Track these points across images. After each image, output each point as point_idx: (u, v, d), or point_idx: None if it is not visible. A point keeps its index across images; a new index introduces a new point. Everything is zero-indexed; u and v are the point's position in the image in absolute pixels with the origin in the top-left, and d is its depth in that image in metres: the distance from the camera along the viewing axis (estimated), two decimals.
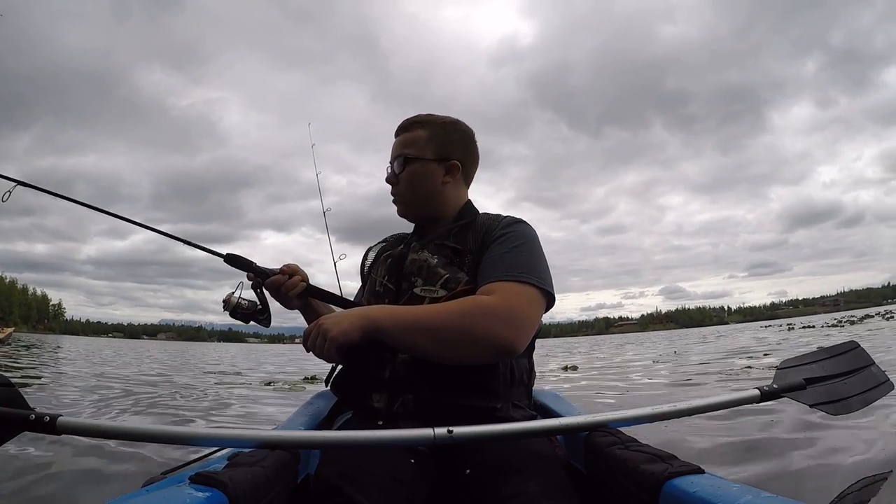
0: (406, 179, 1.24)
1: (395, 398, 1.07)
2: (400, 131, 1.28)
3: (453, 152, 1.26)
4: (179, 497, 0.62)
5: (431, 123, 1.26)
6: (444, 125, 1.27)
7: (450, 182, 1.26)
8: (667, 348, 13.39)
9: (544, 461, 0.90)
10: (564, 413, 1.25)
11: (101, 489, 1.76)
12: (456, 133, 1.28)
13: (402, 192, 1.26)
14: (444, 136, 1.26)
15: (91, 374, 7.22)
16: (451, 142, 1.26)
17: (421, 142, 1.24)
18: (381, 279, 1.23)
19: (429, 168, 1.23)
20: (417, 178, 1.24)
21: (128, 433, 0.77)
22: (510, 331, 0.99)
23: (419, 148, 1.24)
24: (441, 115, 1.29)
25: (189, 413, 3.62)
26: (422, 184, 1.24)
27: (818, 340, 10.34)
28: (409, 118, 1.28)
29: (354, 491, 0.76)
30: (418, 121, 1.27)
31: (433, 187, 1.24)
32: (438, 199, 1.26)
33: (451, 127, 1.28)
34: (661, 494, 0.68)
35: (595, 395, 4.34)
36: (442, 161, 1.25)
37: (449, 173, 1.25)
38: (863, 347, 1.11)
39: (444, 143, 1.25)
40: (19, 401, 0.78)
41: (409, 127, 1.27)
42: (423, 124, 1.26)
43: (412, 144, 1.24)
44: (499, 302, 1.01)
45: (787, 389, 0.97)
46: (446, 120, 1.29)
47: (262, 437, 0.79)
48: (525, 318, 1.03)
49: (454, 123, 1.29)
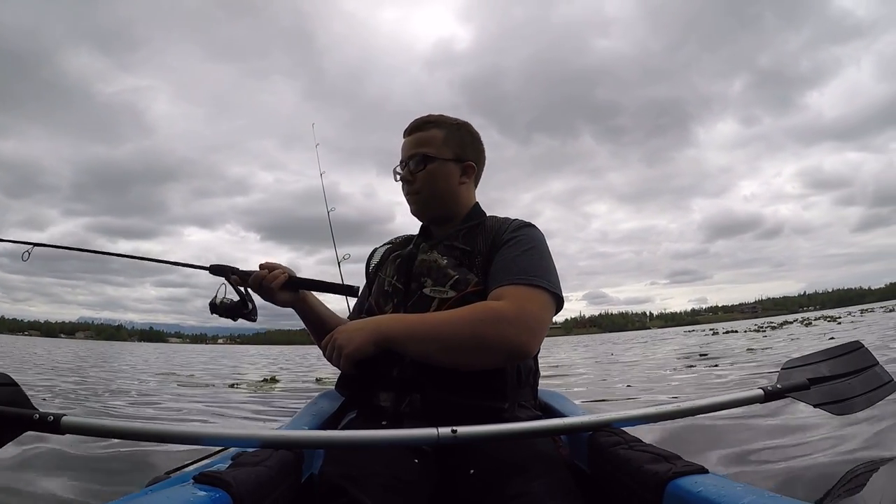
0: (424, 178, 1.24)
1: (403, 397, 1.07)
2: (413, 130, 1.28)
3: (469, 153, 1.28)
4: (183, 496, 0.62)
5: (446, 124, 1.27)
6: (458, 126, 1.29)
7: (465, 183, 1.27)
8: (594, 351, 13.93)
9: (548, 461, 0.90)
10: (568, 413, 1.25)
11: (106, 489, 1.76)
12: (469, 135, 1.30)
13: (419, 191, 1.25)
14: (460, 136, 1.27)
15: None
16: (466, 143, 1.28)
17: (438, 141, 1.24)
18: (391, 279, 1.23)
19: (448, 168, 1.24)
20: (436, 178, 1.24)
21: (132, 432, 0.78)
22: (523, 335, 1.00)
23: (437, 147, 1.24)
24: (452, 117, 1.30)
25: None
26: (440, 183, 1.24)
27: (746, 342, 11.15)
28: (421, 118, 1.29)
29: (358, 491, 0.76)
30: (432, 120, 1.27)
31: (451, 187, 1.25)
32: (454, 199, 1.27)
33: (466, 128, 1.30)
34: (665, 494, 0.68)
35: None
36: (459, 161, 1.26)
37: (465, 174, 1.27)
38: (867, 348, 1.11)
39: (460, 143, 1.27)
40: (23, 400, 0.78)
41: (423, 126, 1.27)
42: (438, 124, 1.27)
43: (429, 143, 1.24)
44: (511, 307, 1.01)
45: (790, 389, 0.97)
46: (459, 121, 1.30)
47: (266, 436, 0.79)
48: (537, 321, 1.04)
49: (467, 125, 1.31)
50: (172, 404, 4.22)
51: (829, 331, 11.81)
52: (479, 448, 0.91)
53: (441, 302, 1.11)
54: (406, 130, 1.29)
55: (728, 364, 6.30)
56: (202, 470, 0.71)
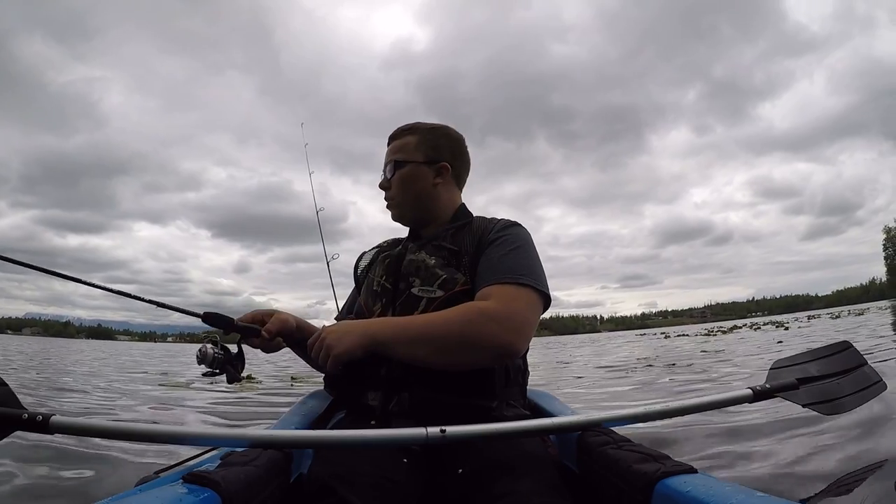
0: (397, 183, 1.28)
1: (391, 396, 1.08)
2: (391, 140, 1.32)
3: (442, 154, 1.29)
4: (172, 496, 0.62)
5: (420, 129, 1.30)
6: (432, 129, 1.31)
7: (440, 183, 1.28)
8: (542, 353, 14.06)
9: (536, 460, 0.90)
10: (557, 413, 1.25)
11: (94, 488, 1.75)
12: (444, 137, 1.32)
13: (393, 196, 1.29)
14: (433, 139, 1.30)
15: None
16: (439, 145, 1.30)
17: (410, 147, 1.28)
18: (379, 279, 1.25)
19: (419, 171, 1.27)
20: (408, 181, 1.27)
21: (121, 432, 0.77)
22: (511, 335, 1.01)
23: (408, 152, 1.27)
24: (429, 122, 1.33)
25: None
26: (412, 186, 1.27)
27: (698, 345, 11.41)
28: (400, 127, 1.32)
29: (347, 491, 0.76)
30: (408, 128, 1.31)
31: (424, 189, 1.27)
32: (430, 200, 1.28)
33: (440, 131, 1.32)
34: (654, 494, 0.68)
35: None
36: (431, 164, 1.28)
37: (439, 175, 1.28)
38: (856, 348, 1.12)
39: (432, 146, 1.29)
40: (11, 400, 0.77)
41: (399, 135, 1.31)
42: (413, 131, 1.30)
43: (402, 150, 1.28)
44: (498, 306, 1.02)
45: (779, 389, 0.98)
46: (435, 125, 1.33)
47: (255, 436, 0.78)
48: (525, 320, 1.04)
49: (443, 128, 1.33)
50: (163, 405, 4.19)
51: (779, 336, 11.88)
52: (468, 447, 0.91)
53: (429, 301, 1.12)
54: (387, 141, 1.33)
55: (685, 366, 6.25)
56: (191, 469, 0.71)
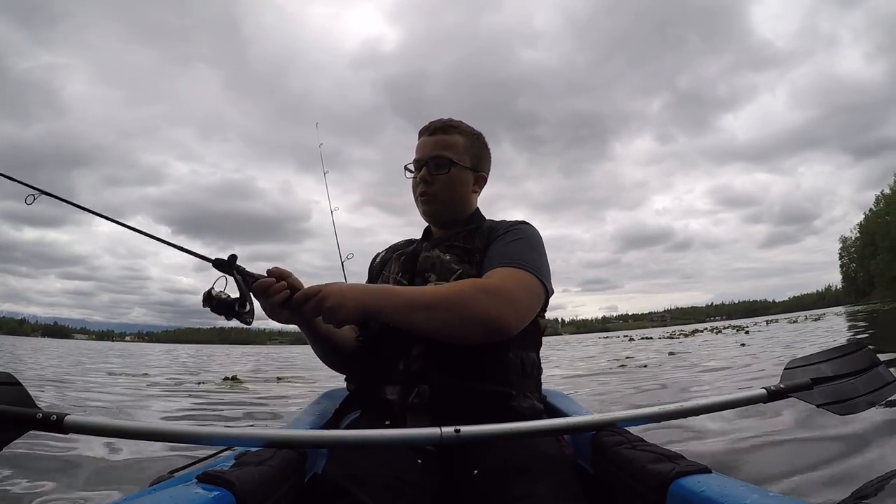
0: (445, 182, 1.25)
1: (410, 389, 1.06)
2: (435, 131, 1.27)
3: (484, 165, 1.31)
4: (187, 496, 0.62)
5: (466, 132, 1.29)
6: (477, 136, 1.31)
7: (476, 192, 1.31)
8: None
9: (553, 462, 0.90)
10: (572, 412, 1.24)
11: (109, 488, 1.77)
12: (485, 148, 1.33)
13: (436, 193, 1.26)
14: (478, 148, 1.30)
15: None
16: (482, 155, 1.31)
17: (460, 148, 1.26)
18: (395, 275, 1.25)
19: (466, 175, 1.27)
20: (456, 182, 1.26)
21: (136, 432, 0.78)
22: (501, 308, 1.00)
23: (458, 154, 1.26)
24: (468, 125, 1.32)
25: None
26: (457, 188, 1.26)
27: (664, 346, 11.90)
28: (443, 120, 1.29)
29: (361, 491, 0.76)
30: (454, 125, 1.28)
31: (465, 194, 1.28)
32: (465, 205, 1.30)
33: (482, 140, 1.33)
34: (668, 494, 0.68)
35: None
36: (474, 171, 1.29)
37: (477, 183, 1.30)
38: (871, 348, 1.10)
39: (477, 153, 1.30)
40: (26, 399, 0.78)
41: (446, 129, 1.27)
42: (460, 131, 1.28)
43: (452, 148, 1.25)
44: (492, 282, 1.04)
45: (794, 389, 0.97)
46: (476, 131, 1.33)
47: (269, 436, 0.79)
48: (517, 298, 1.04)
49: (483, 137, 1.34)
50: (165, 406, 4.22)
51: (742, 340, 11.94)
52: (483, 448, 0.91)
53: None
54: (426, 129, 1.28)
55: (656, 366, 6.27)
56: (205, 469, 0.71)
